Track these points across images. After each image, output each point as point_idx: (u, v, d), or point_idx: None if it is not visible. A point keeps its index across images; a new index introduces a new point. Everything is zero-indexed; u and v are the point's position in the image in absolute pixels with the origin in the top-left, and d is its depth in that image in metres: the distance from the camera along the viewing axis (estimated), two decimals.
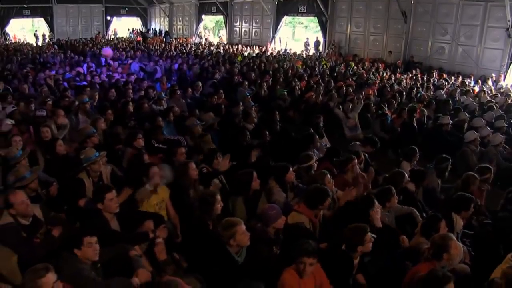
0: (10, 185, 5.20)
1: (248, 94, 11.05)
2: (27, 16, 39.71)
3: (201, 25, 37.68)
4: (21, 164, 5.55)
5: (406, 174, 6.12)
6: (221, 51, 26.38)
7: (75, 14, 41.09)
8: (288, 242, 4.48)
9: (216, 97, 10.40)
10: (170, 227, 4.87)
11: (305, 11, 28.25)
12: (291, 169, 5.80)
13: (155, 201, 5.09)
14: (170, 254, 4.47)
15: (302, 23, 38.93)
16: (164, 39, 34.85)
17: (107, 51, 18.76)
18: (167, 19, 41.20)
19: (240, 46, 29.81)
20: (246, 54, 24.46)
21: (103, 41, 34.95)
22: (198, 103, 10.55)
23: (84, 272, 3.72)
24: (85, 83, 13.72)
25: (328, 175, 5.70)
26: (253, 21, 32.43)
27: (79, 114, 9.06)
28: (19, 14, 38.32)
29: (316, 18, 28.18)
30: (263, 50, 27.61)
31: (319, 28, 30.14)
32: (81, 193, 5.18)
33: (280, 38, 30.78)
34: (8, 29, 37.85)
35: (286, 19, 30.76)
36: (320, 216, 5.13)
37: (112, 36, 40.56)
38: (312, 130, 7.94)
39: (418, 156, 7.22)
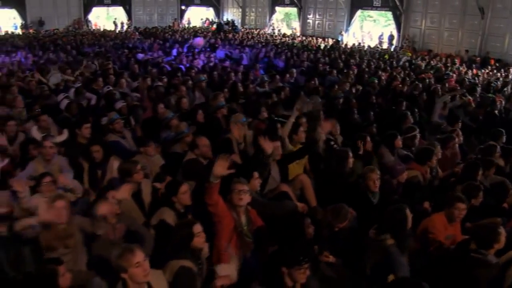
0: (174, 138, 6.64)
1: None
2: (108, 5, 42.23)
3: (274, 16, 38.83)
4: (179, 123, 6.95)
5: (498, 147, 7.06)
6: (296, 42, 27.45)
7: (152, 3, 43.28)
8: (404, 194, 5.61)
9: (313, 82, 11.50)
10: None
11: (379, 5, 28.92)
12: (399, 136, 6.92)
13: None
14: None
15: (371, 17, 39.28)
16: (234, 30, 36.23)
17: (200, 41, 20.14)
18: (240, 9, 42.52)
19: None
20: (322, 46, 25.37)
21: (179, 29, 36.87)
22: (296, 87, 11.66)
23: (253, 195, 4.95)
24: (182, 66, 15.27)
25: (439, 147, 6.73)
26: (327, 14, 33.25)
27: (196, 91, 10.46)
28: (101, 3, 40.89)
29: (390, 12, 28.67)
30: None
31: (388, 22, 30.69)
32: (232, 150, 6.45)
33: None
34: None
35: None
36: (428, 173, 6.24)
37: (186, 25, 42.36)
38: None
39: (504, 138, 8.04)
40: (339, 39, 29.49)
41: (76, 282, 3.97)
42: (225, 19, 43.12)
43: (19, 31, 35.93)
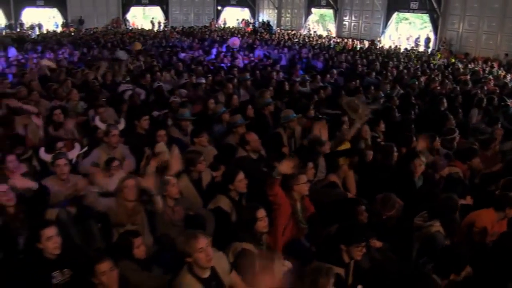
0: (228, 129, 7.08)
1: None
2: (145, 5, 43.41)
3: (310, 18, 39.03)
4: (232, 116, 7.45)
5: None
6: (332, 44, 27.70)
7: (188, 3, 44.23)
8: (446, 187, 5.93)
9: (353, 82, 11.83)
10: None
11: (416, 7, 28.87)
12: (437, 138, 7.23)
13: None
14: None
15: (407, 19, 39.09)
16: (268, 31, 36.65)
17: (235, 41, 20.64)
18: (276, 10, 42.83)
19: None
20: (358, 48, 25.55)
21: (216, 29, 37.63)
22: (336, 88, 11.99)
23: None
24: (223, 65, 15.79)
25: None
26: (363, 16, 33.34)
27: (241, 89, 10.89)
28: (139, 2, 42.16)
29: (427, 14, 28.63)
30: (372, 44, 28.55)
31: (424, 25, 30.58)
32: (281, 143, 6.87)
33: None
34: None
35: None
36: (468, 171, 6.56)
37: (222, 26, 43.04)
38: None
39: None
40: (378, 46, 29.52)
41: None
42: (260, 20, 43.61)
43: (60, 29, 37.37)
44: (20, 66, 15.43)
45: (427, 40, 28.62)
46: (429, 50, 27.14)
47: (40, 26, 37.76)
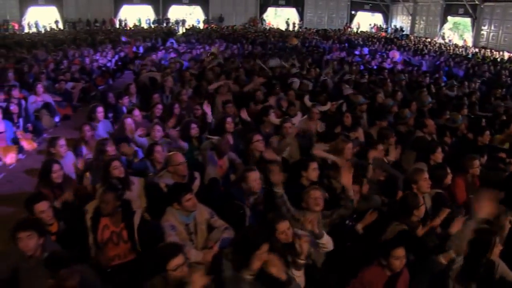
0: (402, 120, 8.80)
1: None
2: (282, 6, 46.21)
3: (445, 26, 38.96)
4: (402, 109, 9.16)
5: None
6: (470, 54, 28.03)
7: (323, 6, 46.46)
8: None
9: (500, 90, 12.91)
10: None
11: None
12: None
13: None
14: None
15: None
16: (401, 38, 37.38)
17: (395, 53, 22.05)
18: (409, 17, 43.22)
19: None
20: (499, 59, 25.71)
21: (349, 32, 39.29)
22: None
23: None
24: (374, 66, 17.49)
25: None
26: (504, 26, 32.52)
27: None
28: (275, 4, 44.98)
29: None
30: None
31: None
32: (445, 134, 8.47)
33: None
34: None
35: None
36: None
37: (355, 30, 44.50)
38: None
39: None
40: None
41: None
42: (393, 26, 44.29)
43: (201, 25, 41.40)
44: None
45: None
46: None
47: (183, 22, 42.20)
